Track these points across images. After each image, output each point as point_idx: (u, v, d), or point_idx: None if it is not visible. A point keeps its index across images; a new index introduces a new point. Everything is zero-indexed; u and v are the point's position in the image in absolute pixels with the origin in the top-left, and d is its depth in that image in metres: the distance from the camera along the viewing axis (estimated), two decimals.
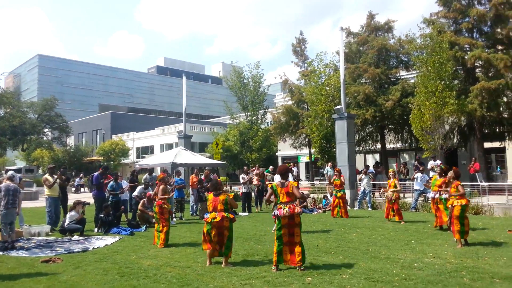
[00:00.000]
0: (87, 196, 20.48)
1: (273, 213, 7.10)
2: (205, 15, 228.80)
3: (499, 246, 8.61)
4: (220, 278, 6.44)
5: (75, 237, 10.54)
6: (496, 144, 24.22)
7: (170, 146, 47.01)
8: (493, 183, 19.25)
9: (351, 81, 25.25)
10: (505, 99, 20.77)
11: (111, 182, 12.99)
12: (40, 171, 54.20)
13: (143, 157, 46.19)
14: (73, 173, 38.36)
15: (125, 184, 13.94)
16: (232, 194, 7.58)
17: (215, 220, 7.16)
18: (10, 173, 10.32)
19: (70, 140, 63.97)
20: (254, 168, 18.27)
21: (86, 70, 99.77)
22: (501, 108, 20.70)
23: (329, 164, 19.61)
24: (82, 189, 35.27)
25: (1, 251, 8.74)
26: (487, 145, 22.86)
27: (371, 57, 25.60)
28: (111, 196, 12.89)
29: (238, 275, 6.56)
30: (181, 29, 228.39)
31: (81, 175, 37.86)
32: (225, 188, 18.40)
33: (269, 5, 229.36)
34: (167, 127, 54.06)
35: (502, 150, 26.44)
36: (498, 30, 21.25)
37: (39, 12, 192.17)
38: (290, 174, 9.25)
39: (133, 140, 58.02)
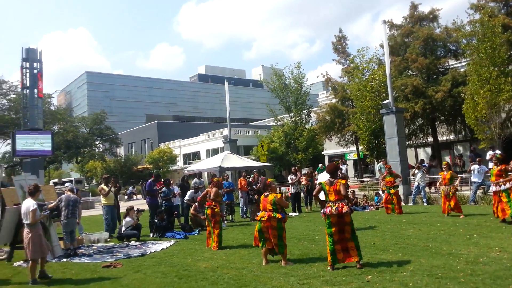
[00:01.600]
0: (140, 203, 21.09)
1: (321, 211, 7.04)
2: (242, 21, 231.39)
3: None
4: (277, 278, 6.37)
5: (133, 243, 10.84)
6: None
7: (215, 151, 47.61)
8: None
9: (397, 74, 24.51)
10: None
11: (163, 188, 13.31)
12: (94, 181, 56.65)
13: (190, 163, 47.00)
14: (134, 181, 39.65)
15: (176, 189, 14.20)
16: (280, 194, 7.52)
17: (263, 219, 7.37)
18: (69, 184, 10.86)
19: (120, 151, 66.35)
20: (297, 171, 17.70)
21: (131, 83, 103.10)
22: None
23: (382, 161, 18.99)
24: (134, 197, 36.43)
25: (64, 258, 9.12)
26: None
27: (418, 48, 24.75)
28: (164, 201, 13.20)
29: (295, 275, 6.47)
30: (219, 36, 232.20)
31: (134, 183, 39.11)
32: None
33: (305, 6, 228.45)
34: (211, 133, 54.81)
35: None
36: None
37: (85, 32, 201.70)
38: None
39: (179, 147, 59.30)
